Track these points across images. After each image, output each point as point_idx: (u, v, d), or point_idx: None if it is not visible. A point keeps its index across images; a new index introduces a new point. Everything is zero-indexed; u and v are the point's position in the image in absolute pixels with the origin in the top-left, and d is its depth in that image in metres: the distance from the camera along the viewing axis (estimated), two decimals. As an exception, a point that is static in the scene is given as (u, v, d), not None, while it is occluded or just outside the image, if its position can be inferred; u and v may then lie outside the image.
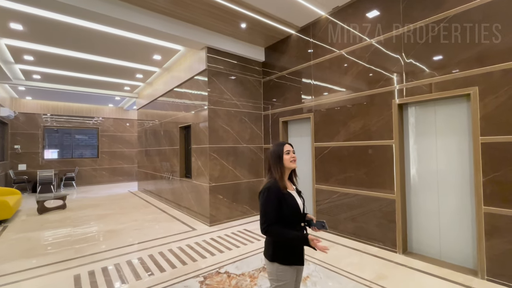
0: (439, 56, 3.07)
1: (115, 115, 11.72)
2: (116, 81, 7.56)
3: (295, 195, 1.67)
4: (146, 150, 8.53)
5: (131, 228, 4.79)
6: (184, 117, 5.83)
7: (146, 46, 5.14)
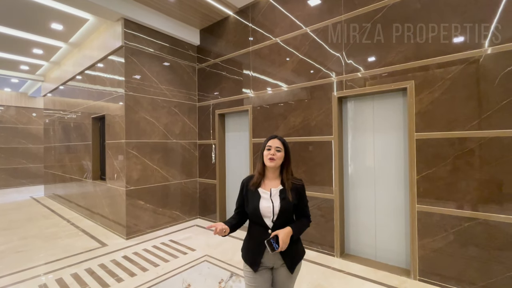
0: (378, 48, 2.90)
1: (16, 102, 9.37)
2: (5, 56, 5.82)
3: (264, 195, 1.47)
4: (53, 147, 6.90)
5: (13, 250, 3.57)
6: (97, 106, 4.73)
7: (40, 8, 3.90)
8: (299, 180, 1.53)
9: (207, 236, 4.02)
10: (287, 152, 1.52)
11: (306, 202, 1.53)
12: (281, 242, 1.34)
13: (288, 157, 1.52)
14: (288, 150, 1.53)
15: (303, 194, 1.51)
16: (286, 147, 1.52)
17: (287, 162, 1.51)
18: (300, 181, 1.53)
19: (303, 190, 1.52)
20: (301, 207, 1.50)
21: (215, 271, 2.90)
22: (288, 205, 1.44)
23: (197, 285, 2.62)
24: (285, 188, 1.48)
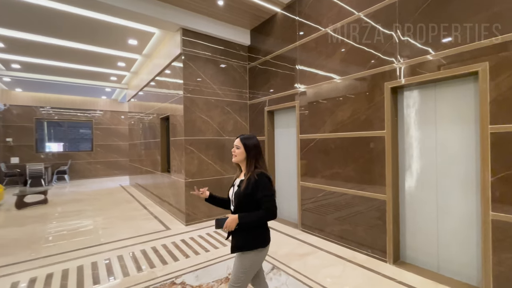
0: (440, 27, 2.49)
1: (110, 107, 11.45)
2: (100, 71, 7.19)
3: (236, 183, 1.73)
4: (135, 144, 8.21)
5: (101, 227, 4.45)
6: (164, 107, 5.41)
7: (118, 29, 4.71)
8: (259, 174, 1.61)
9: (256, 229, 4.18)
10: (247, 149, 1.68)
11: (262, 195, 1.58)
12: (225, 224, 1.55)
13: (250, 153, 1.67)
14: (248, 147, 1.68)
15: (258, 186, 1.58)
16: (244, 144, 1.69)
17: (249, 157, 1.67)
18: (260, 175, 1.61)
19: (257, 182, 1.58)
20: (257, 198, 1.59)
21: (258, 262, 3.01)
22: (239, 193, 1.62)
23: (240, 273, 2.78)
24: (246, 176, 1.65)
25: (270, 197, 1.58)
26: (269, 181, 1.62)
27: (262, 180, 1.59)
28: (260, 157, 1.69)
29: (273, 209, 1.57)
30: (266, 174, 1.63)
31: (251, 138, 1.72)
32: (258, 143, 1.73)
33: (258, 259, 1.64)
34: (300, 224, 4.05)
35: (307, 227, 3.94)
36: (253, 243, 1.61)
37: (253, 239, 1.61)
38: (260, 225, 1.63)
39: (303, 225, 4.01)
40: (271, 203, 1.58)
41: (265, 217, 1.57)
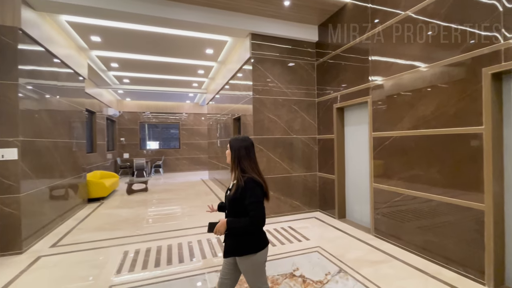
0: None
1: (192, 110, 13.04)
2: (185, 79, 8.29)
3: (230, 186, 1.71)
4: (212, 142, 9.13)
5: (186, 214, 5.18)
6: (236, 108, 5.84)
7: (197, 41, 5.34)
8: (247, 179, 1.57)
9: (324, 230, 4.10)
10: (232, 150, 1.66)
11: (249, 201, 1.53)
12: (215, 229, 1.56)
13: (233, 154, 1.65)
14: (232, 148, 1.66)
15: (246, 192, 1.54)
16: (231, 146, 1.68)
17: (232, 158, 1.66)
18: (247, 180, 1.56)
19: (245, 188, 1.55)
20: (245, 204, 1.55)
21: (324, 263, 2.96)
22: (229, 198, 1.62)
23: (304, 270, 2.80)
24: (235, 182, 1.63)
25: (256, 204, 1.53)
26: (257, 187, 1.56)
27: (249, 186, 1.55)
28: (246, 159, 1.63)
29: (258, 218, 1.52)
30: (254, 179, 1.57)
31: (239, 140, 1.69)
32: (247, 145, 1.67)
33: (258, 261, 1.61)
34: (373, 229, 3.75)
35: (381, 233, 3.61)
36: (244, 248, 1.58)
37: (244, 245, 1.58)
38: (249, 231, 1.57)
39: (376, 231, 3.70)
40: (257, 211, 1.52)
41: (250, 225, 1.52)
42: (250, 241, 1.59)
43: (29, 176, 3.59)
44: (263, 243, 1.64)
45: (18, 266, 3.02)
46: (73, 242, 3.77)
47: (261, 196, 1.58)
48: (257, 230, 1.60)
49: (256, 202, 1.53)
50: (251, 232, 1.58)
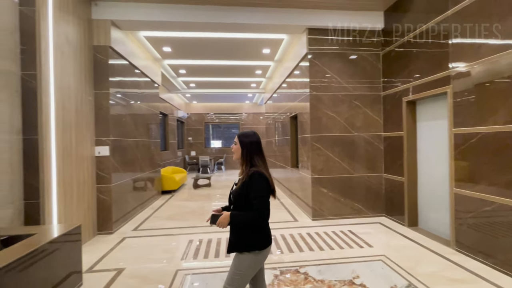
0: None
1: (251, 110, 13.46)
2: (244, 80, 8.61)
3: (236, 181, 1.70)
4: (270, 141, 9.25)
5: (244, 210, 5.38)
6: (293, 106, 5.77)
7: (254, 42, 5.47)
8: (253, 173, 1.53)
9: (390, 237, 3.70)
10: (242, 145, 1.61)
11: (254, 195, 1.49)
12: (218, 221, 1.51)
13: (244, 150, 1.60)
14: (243, 143, 1.61)
15: (250, 186, 1.51)
16: (240, 141, 1.63)
17: (243, 154, 1.61)
18: (254, 174, 1.52)
19: (250, 181, 1.51)
20: (249, 199, 1.51)
21: (389, 274, 2.67)
22: (235, 192, 1.58)
23: (366, 279, 2.58)
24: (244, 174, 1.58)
25: (261, 198, 1.49)
26: (263, 181, 1.53)
27: (255, 180, 1.51)
28: (258, 155, 1.61)
29: (263, 211, 1.49)
30: (260, 173, 1.54)
31: (249, 135, 1.66)
32: (257, 140, 1.64)
33: (255, 262, 1.54)
34: (453, 241, 3.20)
35: (465, 247, 3.05)
36: (248, 244, 1.52)
37: (248, 241, 1.53)
38: (254, 226, 1.53)
39: (458, 244, 3.14)
40: (261, 204, 1.49)
41: (255, 219, 1.49)
42: (256, 237, 1.54)
43: (117, 170, 4.29)
44: (268, 242, 1.59)
45: (110, 244, 3.64)
46: (149, 227, 4.35)
47: (266, 191, 1.54)
48: (260, 224, 1.55)
49: (260, 196, 1.50)
50: (256, 228, 1.54)
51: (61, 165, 3.16)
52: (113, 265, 2.99)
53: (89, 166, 3.87)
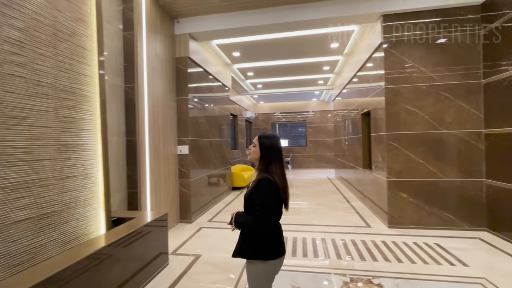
0: None
1: (319, 108, 13.01)
2: (310, 77, 8.40)
3: (249, 184, 1.64)
4: (339, 139, 8.76)
5: (311, 210, 5.26)
6: (365, 102, 5.31)
7: (321, 38, 5.26)
8: (263, 178, 1.46)
9: (494, 257, 3.02)
10: (262, 148, 1.54)
11: (257, 201, 1.44)
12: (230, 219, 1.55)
13: (263, 153, 1.53)
14: (263, 146, 1.54)
15: (257, 192, 1.45)
16: (260, 143, 1.55)
17: (261, 158, 1.54)
18: (264, 180, 1.46)
19: (259, 187, 1.46)
20: (254, 204, 1.46)
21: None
22: (245, 196, 1.56)
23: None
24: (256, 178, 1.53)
25: (263, 205, 1.41)
26: (270, 188, 1.43)
27: (263, 186, 1.45)
28: (276, 160, 1.52)
29: (262, 220, 1.41)
30: (270, 180, 1.44)
31: (270, 138, 1.57)
32: (277, 145, 1.55)
33: (264, 271, 1.46)
34: None
35: None
36: (253, 252, 1.47)
37: (253, 248, 1.47)
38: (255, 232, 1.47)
39: None
40: (262, 212, 1.41)
41: (252, 225, 1.44)
42: (260, 246, 1.47)
43: (195, 166, 4.81)
44: (276, 253, 1.48)
45: (189, 232, 4.12)
46: (222, 220, 4.72)
47: (272, 200, 1.44)
48: (260, 231, 1.46)
49: (264, 204, 1.42)
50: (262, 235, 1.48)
51: (152, 161, 3.75)
52: (192, 250, 3.38)
53: (173, 162, 4.46)
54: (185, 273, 2.80)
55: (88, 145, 2.49)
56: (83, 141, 2.43)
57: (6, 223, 1.76)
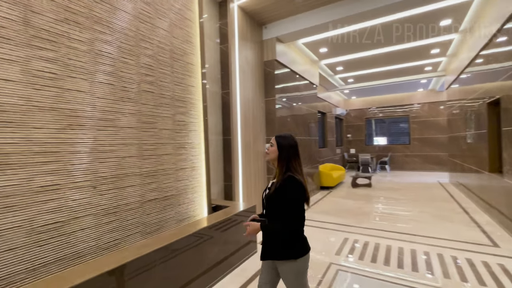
0: None
1: (426, 99, 10.98)
2: (413, 65, 7.22)
3: (269, 185, 1.63)
4: (455, 136, 7.16)
5: (409, 218, 4.56)
6: (492, 88, 4.16)
7: (427, 16, 4.46)
8: (288, 177, 1.46)
9: None
10: (280, 148, 1.55)
11: (285, 204, 1.43)
12: (247, 232, 1.54)
13: (282, 153, 1.54)
14: (281, 145, 1.55)
15: (284, 191, 1.45)
16: (278, 143, 1.57)
17: (280, 157, 1.54)
18: (288, 178, 1.46)
19: (284, 185, 1.45)
20: (280, 207, 1.46)
21: None
22: (269, 197, 1.53)
23: None
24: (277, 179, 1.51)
25: (293, 202, 1.43)
26: (297, 185, 1.46)
27: (291, 185, 1.46)
28: (295, 159, 1.53)
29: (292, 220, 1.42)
30: (296, 178, 1.47)
31: (287, 138, 1.59)
32: (295, 144, 1.57)
33: (298, 269, 1.50)
34: None
35: None
36: (283, 253, 1.49)
37: (283, 249, 1.49)
38: (290, 233, 1.45)
39: None
40: (294, 210, 1.43)
41: (281, 229, 1.43)
42: (289, 246, 1.49)
43: (282, 164, 5.02)
44: (303, 250, 1.51)
45: (276, 225, 4.36)
46: (307, 218, 4.74)
47: (301, 195, 1.46)
48: (293, 233, 1.45)
49: (294, 199, 1.44)
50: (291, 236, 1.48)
51: (244, 158, 4.18)
52: (278, 243, 3.58)
53: (262, 160, 4.80)
54: (271, 262, 3.01)
55: (195, 143, 3.04)
56: (191, 140, 2.99)
57: (143, 200, 2.39)
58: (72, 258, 1.88)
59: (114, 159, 2.19)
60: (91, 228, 2.00)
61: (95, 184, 2.04)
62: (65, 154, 1.88)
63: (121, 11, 2.28)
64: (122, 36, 2.28)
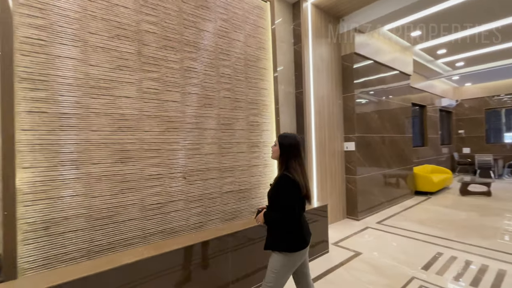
0: None
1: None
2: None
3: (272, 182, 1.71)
4: None
5: None
6: None
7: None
8: (282, 176, 1.58)
9: None
10: (281, 147, 1.64)
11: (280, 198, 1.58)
12: (258, 216, 1.71)
13: (282, 152, 1.63)
14: (281, 145, 1.64)
15: (279, 190, 1.58)
16: (279, 142, 1.66)
17: (281, 157, 1.64)
18: (282, 177, 1.58)
19: (279, 183, 1.59)
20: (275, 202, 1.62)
21: None
22: (268, 194, 1.69)
23: None
24: None
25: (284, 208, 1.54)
26: (288, 186, 1.54)
27: (281, 184, 1.57)
28: (295, 159, 1.60)
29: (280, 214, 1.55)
30: (288, 177, 1.55)
31: (288, 137, 1.66)
32: (296, 144, 1.63)
33: (288, 262, 1.56)
34: None
35: None
36: (279, 244, 1.58)
37: (280, 241, 1.58)
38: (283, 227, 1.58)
39: None
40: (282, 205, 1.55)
41: (276, 219, 1.59)
42: (283, 239, 1.58)
43: (362, 163, 4.67)
44: (292, 246, 1.56)
45: (354, 228, 4.11)
46: (393, 225, 4.25)
47: (292, 193, 1.55)
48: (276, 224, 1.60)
49: (284, 197, 1.56)
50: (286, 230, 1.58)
51: (318, 156, 4.14)
52: (353, 246, 3.40)
53: (339, 158, 4.61)
54: (342, 264, 2.90)
55: (267, 142, 3.26)
56: (264, 139, 3.23)
57: (221, 191, 2.78)
58: (169, 232, 2.41)
59: (199, 155, 2.65)
60: (183, 210, 2.50)
61: (185, 175, 2.54)
62: (165, 151, 2.42)
63: (204, 31, 2.72)
64: (204, 52, 2.72)
